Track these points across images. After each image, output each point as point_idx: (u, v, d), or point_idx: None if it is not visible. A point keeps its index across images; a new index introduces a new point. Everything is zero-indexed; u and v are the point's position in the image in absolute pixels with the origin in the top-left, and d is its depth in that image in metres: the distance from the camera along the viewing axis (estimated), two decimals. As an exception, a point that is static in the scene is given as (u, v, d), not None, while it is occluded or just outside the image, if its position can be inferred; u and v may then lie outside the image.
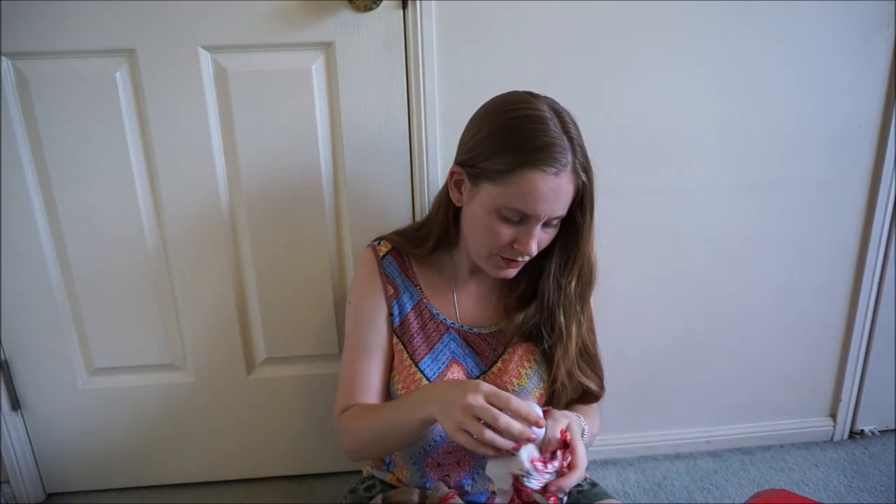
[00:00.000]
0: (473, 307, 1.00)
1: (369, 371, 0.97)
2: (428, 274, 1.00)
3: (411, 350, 0.96)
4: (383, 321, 0.98)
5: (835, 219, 1.37)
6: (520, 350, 0.97)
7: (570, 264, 0.93)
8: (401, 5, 1.12)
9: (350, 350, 0.99)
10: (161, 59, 1.11)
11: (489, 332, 0.99)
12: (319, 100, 1.16)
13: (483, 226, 0.87)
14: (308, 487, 1.42)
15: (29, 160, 1.16)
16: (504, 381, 0.95)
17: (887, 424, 1.57)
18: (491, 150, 0.84)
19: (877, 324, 1.45)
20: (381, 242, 1.01)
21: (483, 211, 0.87)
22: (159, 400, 1.34)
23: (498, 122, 0.86)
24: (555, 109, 0.85)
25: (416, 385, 0.94)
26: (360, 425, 0.93)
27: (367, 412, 0.94)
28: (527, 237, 0.86)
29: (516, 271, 0.93)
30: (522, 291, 0.98)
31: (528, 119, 0.83)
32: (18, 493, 1.37)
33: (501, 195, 0.84)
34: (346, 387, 0.98)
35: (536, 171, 0.81)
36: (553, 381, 0.96)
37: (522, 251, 0.87)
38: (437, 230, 0.96)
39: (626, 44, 1.19)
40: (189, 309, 1.28)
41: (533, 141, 0.82)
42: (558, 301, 0.94)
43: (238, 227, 1.24)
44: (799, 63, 1.24)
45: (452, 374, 0.95)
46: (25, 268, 1.22)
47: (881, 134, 1.30)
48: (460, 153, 0.91)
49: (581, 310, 0.96)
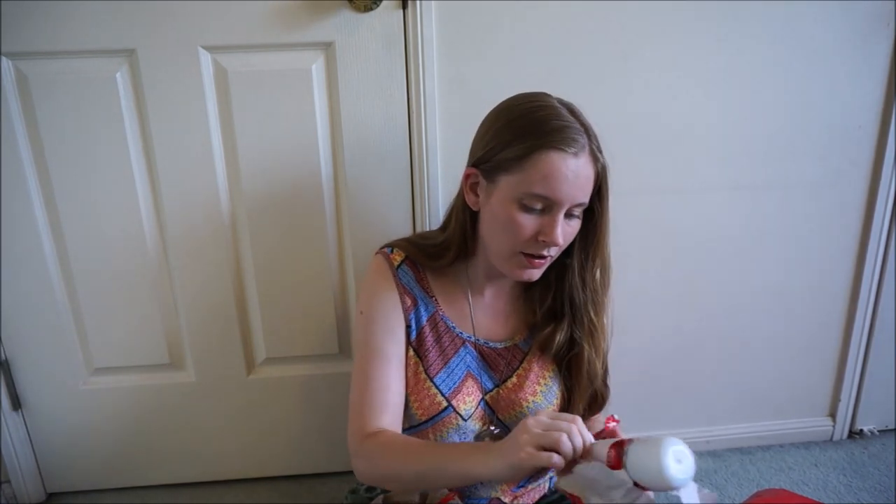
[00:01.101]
0: (489, 321, 0.98)
1: (389, 383, 0.90)
2: (443, 285, 0.96)
3: (426, 364, 0.92)
4: (401, 332, 0.92)
5: (834, 218, 1.37)
6: (536, 366, 0.96)
7: (592, 257, 0.92)
8: (401, 5, 1.12)
9: (365, 362, 0.91)
10: (161, 59, 1.11)
11: (504, 347, 0.97)
12: (319, 100, 1.16)
13: (504, 220, 0.84)
14: (308, 487, 1.42)
15: (29, 160, 1.16)
16: (519, 398, 0.94)
17: (887, 424, 1.57)
18: (506, 140, 0.83)
19: (876, 323, 1.45)
20: (394, 251, 0.95)
21: (503, 204, 0.84)
22: (159, 400, 1.34)
23: (510, 116, 0.86)
24: (562, 102, 0.86)
25: (430, 400, 0.91)
26: (393, 463, 0.84)
27: (405, 450, 0.85)
28: (551, 226, 0.83)
29: (541, 272, 0.89)
30: (549, 307, 0.95)
31: (539, 108, 0.84)
32: (19, 493, 1.37)
33: (522, 182, 0.82)
34: (364, 401, 0.89)
35: (555, 152, 0.80)
36: (578, 380, 0.94)
37: (548, 241, 0.83)
38: (456, 240, 0.92)
39: (626, 44, 1.19)
40: (189, 309, 1.28)
41: (548, 124, 0.81)
42: (586, 297, 0.93)
43: (238, 227, 1.24)
44: (799, 63, 1.24)
45: (467, 390, 0.93)
46: (25, 268, 1.22)
47: (881, 134, 1.30)
48: (473, 154, 0.90)
49: (606, 301, 0.95)
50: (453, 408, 0.92)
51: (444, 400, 0.92)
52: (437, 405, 0.92)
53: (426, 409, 0.92)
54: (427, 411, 0.92)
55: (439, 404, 0.92)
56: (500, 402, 0.95)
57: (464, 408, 0.93)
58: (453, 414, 0.92)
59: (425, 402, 0.92)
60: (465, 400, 0.93)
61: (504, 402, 0.95)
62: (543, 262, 0.88)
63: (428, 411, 0.92)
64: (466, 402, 0.93)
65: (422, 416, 0.92)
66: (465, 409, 0.93)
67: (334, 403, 1.36)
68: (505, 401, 0.95)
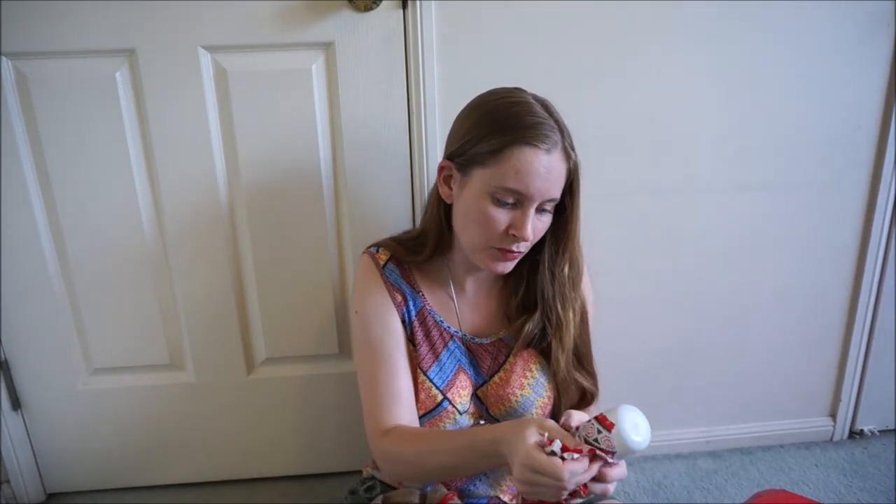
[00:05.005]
0: (473, 315, 0.99)
1: (397, 378, 0.92)
2: (428, 280, 0.98)
3: (419, 358, 0.94)
4: (397, 326, 0.94)
5: (835, 219, 1.37)
6: (521, 360, 0.96)
7: (561, 251, 0.93)
8: (401, 5, 1.12)
9: (368, 360, 0.93)
10: (161, 59, 1.11)
11: (490, 343, 0.98)
12: (319, 100, 1.16)
13: (476, 214, 0.86)
14: (308, 487, 1.42)
15: (29, 160, 1.16)
16: (507, 393, 0.95)
17: (887, 424, 1.57)
18: (480, 135, 0.84)
19: (877, 323, 1.45)
20: (380, 250, 0.97)
21: (476, 198, 0.85)
22: (159, 400, 1.34)
23: (484, 110, 0.87)
24: (537, 98, 0.87)
25: (425, 394, 0.92)
26: (411, 458, 0.87)
27: (421, 443, 0.88)
28: (522, 221, 0.84)
29: (513, 265, 0.90)
30: (522, 298, 0.97)
31: (514, 104, 0.85)
32: (18, 493, 1.37)
33: (494, 176, 0.83)
34: (376, 400, 0.91)
35: (529, 147, 0.81)
36: (554, 377, 0.95)
37: (518, 236, 0.85)
38: (432, 233, 0.94)
39: (626, 44, 1.19)
40: (189, 309, 1.28)
41: (522, 120, 0.82)
42: (554, 291, 0.94)
43: (238, 227, 1.24)
44: (799, 63, 1.24)
45: (460, 383, 0.95)
46: (25, 268, 1.22)
47: (881, 134, 1.30)
48: (448, 147, 0.91)
49: (574, 297, 0.96)
50: (450, 401, 0.93)
51: (440, 393, 0.93)
52: (432, 398, 0.93)
53: (422, 402, 0.93)
54: (423, 405, 0.93)
55: (435, 398, 0.93)
56: (490, 398, 0.96)
57: (459, 401, 0.94)
58: (450, 407, 0.93)
59: (421, 396, 0.93)
60: (460, 393, 0.94)
61: (493, 397, 0.96)
62: (515, 256, 0.89)
63: (424, 405, 0.93)
64: (461, 395, 0.94)
65: (419, 410, 0.93)
66: (460, 402, 0.94)
67: (334, 403, 1.37)
68: (494, 396, 0.96)
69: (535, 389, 0.95)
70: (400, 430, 0.90)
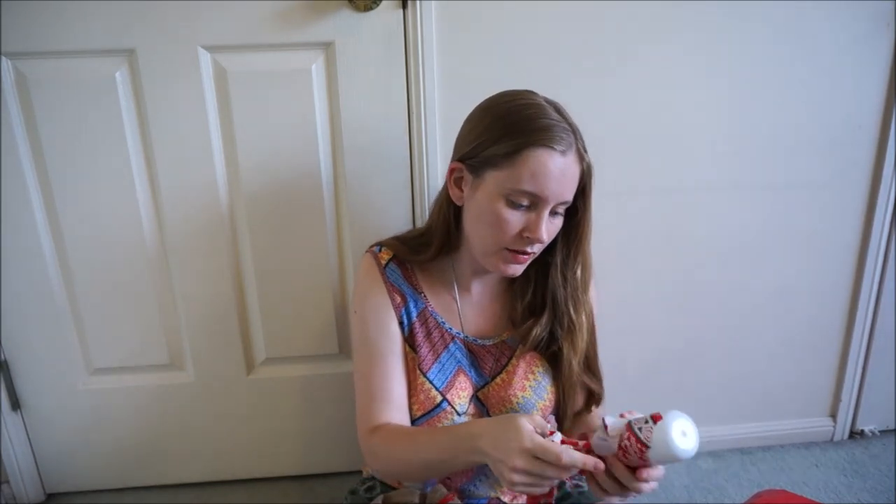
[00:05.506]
0: (477, 317, 0.99)
1: (389, 379, 0.92)
2: (431, 281, 0.97)
3: (419, 359, 0.93)
4: (394, 328, 0.94)
5: (835, 219, 1.37)
6: (523, 363, 0.96)
7: (574, 254, 0.93)
8: (401, 5, 1.12)
9: (363, 360, 0.95)
10: (161, 59, 1.11)
11: (493, 344, 0.97)
12: (319, 100, 1.16)
13: (489, 216, 0.85)
14: (308, 487, 1.42)
15: (29, 160, 1.16)
16: (508, 395, 0.94)
17: (887, 424, 1.57)
18: (494, 137, 0.84)
19: (877, 324, 1.45)
20: (382, 249, 0.97)
21: (489, 200, 0.85)
22: (159, 400, 1.34)
23: (497, 112, 0.86)
24: (549, 101, 0.87)
25: (424, 395, 0.92)
26: (396, 455, 0.89)
27: (405, 440, 0.89)
28: (536, 223, 0.84)
29: (524, 267, 0.90)
30: (529, 302, 0.96)
31: (526, 106, 0.84)
32: (18, 493, 1.37)
33: (509, 178, 0.83)
34: (367, 399, 0.93)
35: (544, 149, 0.81)
36: (562, 380, 0.95)
37: (532, 238, 0.85)
38: (439, 234, 0.93)
39: (626, 43, 1.19)
40: (189, 309, 1.28)
41: (536, 122, 0.82)
42: (566, 294, 0.94)
43: (238, 227, 1.24)
44: (799, 63, 1.24)
45: (460, 384, 0.94)
46: (25, 268, 1.22)
47: (881, 134, 1.30)
48: (459, 149, 0.90)
49: (585, 300, 0.96)
50: (448, 402, 0.93)
51: (439, 394, 0.93)
52: (431, 400, 0.93)
53: (421, 403, 0.93)
54: (422, 406, 0.93)
55: (434, 399, 0.92)
56: (491, 399, 0.96)
57: (458, 402, 0.94)
58: (448, 408, 0.93)
59: (420, 397, 0.93)
60: (459, 395, 0.94)
61: (494, 399, 0.95)
62: (527, 258, 0.89)
63: (423, 406, 0.93)
64: (461, 396, 0.94)
65: (417, 410, 0.93)
66: (459, 403, 0.94)
67: (334, 403, 1.36)
68: (495, 398, 0.95)
69: (536, 392, 0.95)
70: (388, 427, 0.90)
